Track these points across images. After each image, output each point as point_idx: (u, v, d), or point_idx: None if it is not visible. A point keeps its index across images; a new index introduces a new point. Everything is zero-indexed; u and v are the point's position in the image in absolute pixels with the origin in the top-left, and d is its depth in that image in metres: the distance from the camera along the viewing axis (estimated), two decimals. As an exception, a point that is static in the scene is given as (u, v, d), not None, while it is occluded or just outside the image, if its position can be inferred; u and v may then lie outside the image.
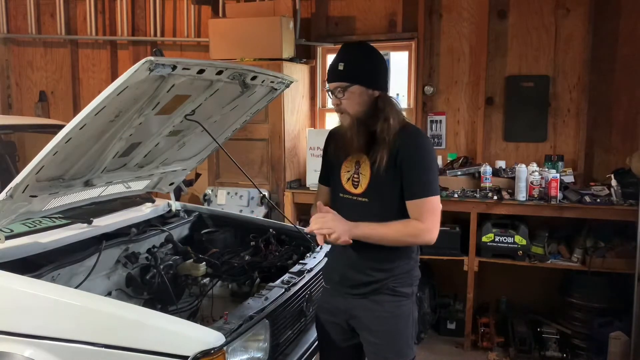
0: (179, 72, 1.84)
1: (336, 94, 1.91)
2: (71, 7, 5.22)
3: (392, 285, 1.95)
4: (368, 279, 1.95)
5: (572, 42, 3.98)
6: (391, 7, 4.35)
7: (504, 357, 3.76)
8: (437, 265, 4.11)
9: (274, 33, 3.98)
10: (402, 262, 1.97)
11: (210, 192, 4.19)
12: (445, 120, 4.29)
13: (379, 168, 1.88)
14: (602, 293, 3.64)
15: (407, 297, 1.98)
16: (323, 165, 2.15)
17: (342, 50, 1.97)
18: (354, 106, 1.90)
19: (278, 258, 2.74)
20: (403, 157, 1.86)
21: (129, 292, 2.46)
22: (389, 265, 1.94)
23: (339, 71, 1.90)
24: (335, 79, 1.91)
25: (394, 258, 1.95)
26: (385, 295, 1.95)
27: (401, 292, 1.96)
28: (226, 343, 1.77)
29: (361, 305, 1.97)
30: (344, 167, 2.00)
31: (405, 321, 1.97)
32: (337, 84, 1.91)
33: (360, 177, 1.94)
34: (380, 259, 1.94)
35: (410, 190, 1.87)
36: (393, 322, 1.95)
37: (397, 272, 1.95)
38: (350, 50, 1.97)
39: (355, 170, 1.96)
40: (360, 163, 1.95)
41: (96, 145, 2.06)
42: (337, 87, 1.90)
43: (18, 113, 5.38)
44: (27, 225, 2.33)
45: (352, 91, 1.89)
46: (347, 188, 1.98)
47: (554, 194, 3.54)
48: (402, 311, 1.96)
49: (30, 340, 1.84)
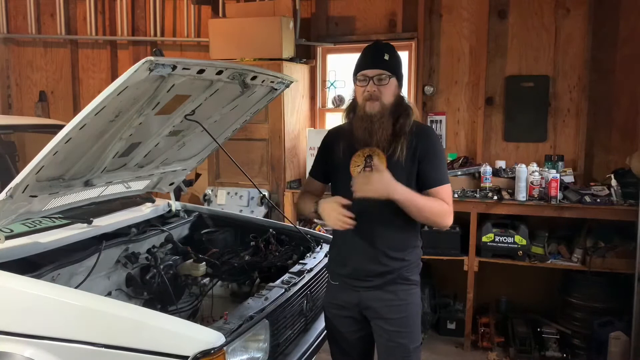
0: (179, 72, 1.84)
1: (377, 81, 1.99)
2: (71, 7, 5.22)
3: (405, 274, 2.05)
4: (384, 269, 2.03)
5: (572, 42, 3.98)
6: (391, 7, 4.35)
7: (504, 357, 3.76)
8: (437, 265, 4.11)
9: (274, 33, 3.98)
10: (413, 250, 2.09)
11: (210, 192, 4.19)
12: (445, 120, 4.29)
13: (399, 159, 1.98)
14: (602, 293, 3.63)
15: (417, 285, 2.11)
16: (319, 161, 2.23)
17: (382, 45, 2.08)
18: (389, 96, 2.01)
19: (278, 258, 2.74)
20: (423, 150, 2.01)
21: (129, 292, 2.46)
22: (402, 255, 2.05)
23: (385, 60, 2.01)
24: (381, 67, 2.00)
25: (406, 247, 2.06)
26: (398, 285, 2.05)
27: (413, 280, 2.08)
28: (226, 343, 1.77)
29: (375, 296, 2.04)
30: (353, 162, 2.06)
31: (417, 307, 2.10)
32: (381, 71, 1.99)
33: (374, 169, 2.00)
34: (395, 248, 2.03)
35: (431, 178, 2.02)
36: (407, 310, 2.05)
37: (410, 260, 2.07)
38: (391, 48, 2.08)
39: (367, 163, 2.03)
40: (372, 156, 2.03)
41: (96, 145, 2.06)
42: (381, 74, 1.99)
43: (18, 113, 5.38)
44: (27, 225, 2.33)
45: (391, 82, 2.01)
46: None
47: (554, 194, 3.54)
48: (414, 298, 2.08)
49: (30, 340, 1.84)
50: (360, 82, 2.03)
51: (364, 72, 2.01)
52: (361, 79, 2.02)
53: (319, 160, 2.23)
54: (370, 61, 2.02)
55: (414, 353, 2.06)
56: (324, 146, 2.21)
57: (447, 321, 4.09)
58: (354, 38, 4.41)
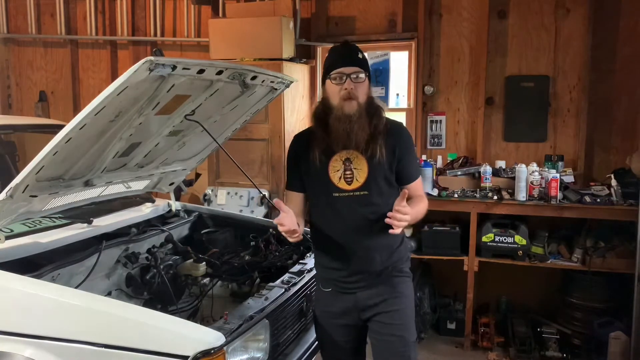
0: (179, 72, 1.84)
1: (353, 78, 1.96)
2: (71, 7, 5.22)
3: (399, 266, 2.10)
4: (379, 267, 2.05)
5: (572, 42, 3.97)
6: (391, 7, 4.35)
7: (504, 357, 3.76)
8: (437, 265, 4.11)
9: (274, 33, 3.98)
10: (403, 243, 2.14)
11: (210, 192, 4.19)
12: (445, 120, 4.28)
13: (379, 159, 1.99)
14: (602, 293, 3.64)
15: (410, 277, 2.16)
16: (293, 172, 2.13)
17: (353, 45, 2.07)
18: (363, 95, 1.99)
19: (278, 258, 2.74)
20: (401, 148, 2.04)
21: (129, 292, 2.46)
22: (395, 248, 2.09)
23: (358, 58, 2.00)
24: (355, 65, 1.98)
25: (397, 241, 2.09)
26: (395, 278, 2.09)
27: (406, 272, 2.13)
28: (226, 343, 1.77)
29: (372, 294, 2.06)
30: (332, 168, 2.03)
31: (412, 300, 2.15)
32: (356, 69, 1.97)
33: (355, 172, 2.01)
34: (389, 245, 2.07)
35: (410, 174, 2.08)
36: (404, 302, 2.09)
37: (403, 253, 2.13)
38: (357, 48, 2.06)
39: (347, 167, 2.01)
40: (351, 159, 2.01)
41: (96, 145, 2.06)
42: (359, 71, 1.98)
43: (18, 113, 5.37)
44: (27, 225, 2.33)
45: (365, 81, 2.00)
46: (340, 186, 2.02)
47: (554, 194, 3.54)
48: (410, 291, 2.14)
49: (30, 340, 1.84)
50: (335, 80, 1.97)
51: (341, 70, 1.96)
52: (336, 77, 1.97)
53: (293, 170, 2.13)
54: (346, 59, 1.99)
55: (412, 347, 2.09)
56: (294, 153, 2.13)
57: (447, 321, 4.08)
58: (354, 38, 4.40)
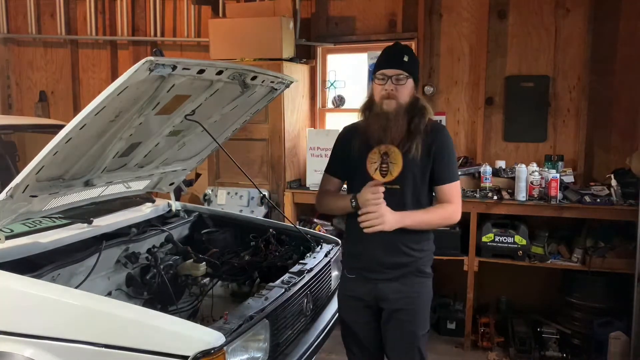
0: (179, 72, 1.84)
1: (395, 81, 2.08)
2: (71, 7, 5.22)
3: (421, 267, 2.17)
4: (405, 260, 2.13)
5: (572, 42, 3.97)
6: (391, 7, 4.35)
7: (504, 357, 3.76)
8: (437, 265, 4.02)
9: (274, 33, 3.98)
10: (429, 242, 2.21)
11: (210, 192, 4.19)
12: (445, 120, 4.28)
13: (414, 156, 2.09)
14: (602, 293, 3.63)
15: (430, 277, 2.22)
16: (336, 158, 2.29)
17: (402, 47, 2.19)
18: (405, 96, 2.10)
19: (278, 258, 2.74)
20: (437, 147, 2.12)
21: (129, 292, 2.46)
22: (420, 246, 2.16)
23: (404, 62, 2.11)
24: (400, 67, 2.10)
25: (422, 239, 2.17)
26: (413, 277, 2.15)
27: (427, 273, 2.20)
28: (226, 343, 1.77)
29: (390, 288, 2.14)
30: (370, 160, 2.15)
31: (428, 298, 2.22)
32: (400, 71, 2.09)
33: (390, 166, 2.12)
34: (415, 240, 2.14)
35: (442, 175, 2.14)
36: (420, 301, 2.17)
37: (426, 251, 2.19)
38: (410, 50, 2.20)
39: (383, 160, 2.13)
40: (388, 153, 2.12)
41: (96, 145, 2.06)
42: (400, 74, 2.09)
43: (18, 113, 5.38)
44: (27, 225, 2.33)
45: (408, 83, 2.11)
46: (375, 178, 2.13)
47: (554, 194, 3.54)
48: (427, 290, 2.21)
49: (30, 340, 1.84)
50: (379, 80, 2.11)
51: (383, 72, 2.10)
52: (380, 77, 2.11)
53: (336, 156, 2.30)
54: (390, 61, 2.12)
55: (422, 339, 2.18)
56: (339, 143, 2.29)
57: (447, 321, 4.09)
58: (354, 38, 4.41)
